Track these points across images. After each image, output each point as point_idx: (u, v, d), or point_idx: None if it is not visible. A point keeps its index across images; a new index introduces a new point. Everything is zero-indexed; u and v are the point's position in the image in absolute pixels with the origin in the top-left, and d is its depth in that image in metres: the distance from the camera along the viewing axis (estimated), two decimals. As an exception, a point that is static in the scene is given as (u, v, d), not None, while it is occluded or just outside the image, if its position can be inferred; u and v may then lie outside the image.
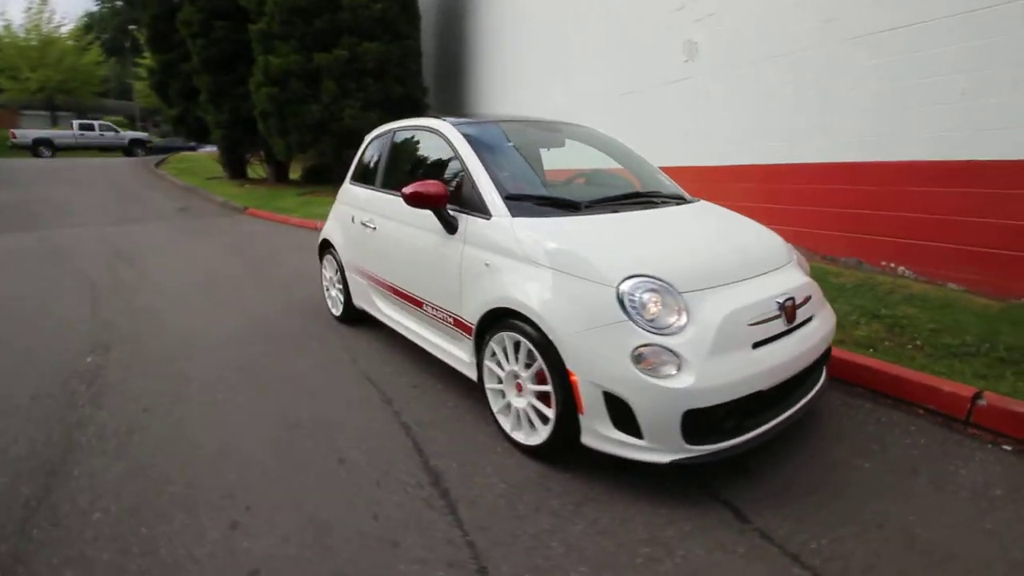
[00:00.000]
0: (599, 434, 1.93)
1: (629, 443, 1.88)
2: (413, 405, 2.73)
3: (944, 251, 3.95)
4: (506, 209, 2.31)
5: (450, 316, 2.60)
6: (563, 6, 8.56)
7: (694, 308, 1.91)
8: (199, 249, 7.37)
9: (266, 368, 3.23)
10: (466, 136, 2.65)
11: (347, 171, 4.04)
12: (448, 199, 2.48)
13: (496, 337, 2.28)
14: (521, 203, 2.35)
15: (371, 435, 2.46)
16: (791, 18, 4.81)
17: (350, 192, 3.73)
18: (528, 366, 2.16)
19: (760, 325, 1.97)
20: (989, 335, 3.10)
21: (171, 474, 2.20)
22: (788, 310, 2.08)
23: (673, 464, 1.85)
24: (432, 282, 2.70)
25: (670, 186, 2.98)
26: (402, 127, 3.33)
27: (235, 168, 17.15)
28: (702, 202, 2.81)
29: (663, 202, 2.63)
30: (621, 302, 1.89)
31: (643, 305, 1.88)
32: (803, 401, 2.17)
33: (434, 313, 2.74)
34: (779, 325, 2.04)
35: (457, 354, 2.66)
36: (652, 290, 1.91)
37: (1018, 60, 3.39)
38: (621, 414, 1.87)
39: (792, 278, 2.25)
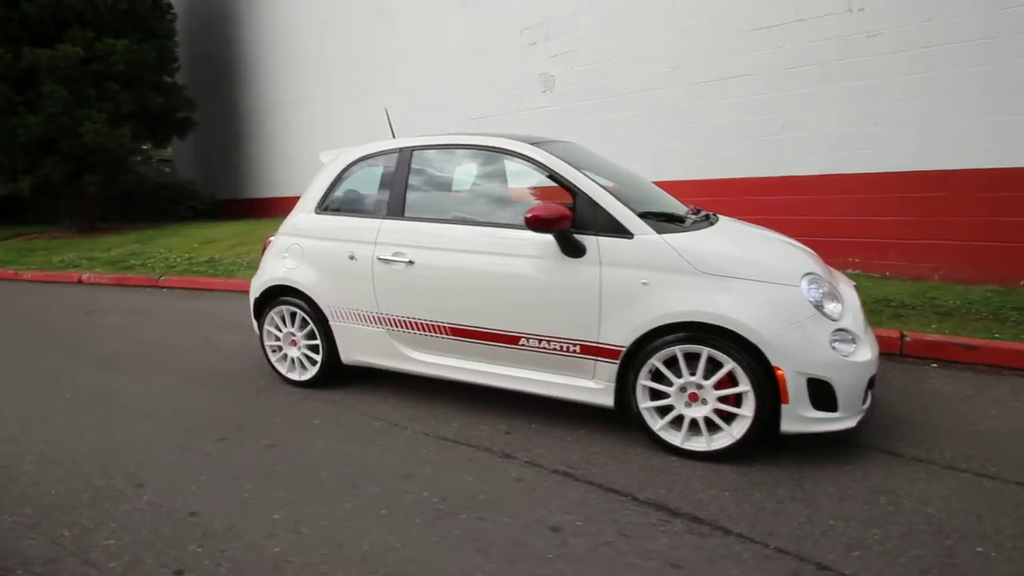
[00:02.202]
0: (801, 417, 2.16)
1: (825, 418, 2.17)
2: (540, 451, 2.46)
3: (779, 242, 5.40)
4: (648, 227, 2.34)
5: (575, 344, 2.45)
6: (394, 30, 8.36)
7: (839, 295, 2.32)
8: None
9: (301, 465, 2.44)
10: (562, 158, 2.54)
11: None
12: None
13: (661, 353, 2.28)
14: (649, 220, 2.41)
15: (544, 495, 2.14)
16: (644, 61, 5.84)
17: (333, 225, 3.04)
18: (708, 375, 2.24)
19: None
20: (846, 296, 4.42)
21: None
22: (852, 290, 2.69)
23: (858, 426, 2.22)
24: (542, 312, 2.49)
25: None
26: (425, 146, 2.90)
27: None
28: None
29: (715, 215, 2.99)
30: (808, 297, 2.18)
31: (821, 297, 2.21)
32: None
33: (542, 346, 2.52)
34: (856, 303, 2.63)
35: (577, 384, 2.51)
36: (820, 284, 2.25)
37: (816, 103, 4.92)
38: (821, 394, 2.14)
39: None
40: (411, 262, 2.77)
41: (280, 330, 3.27)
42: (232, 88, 11.67)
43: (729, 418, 2.26)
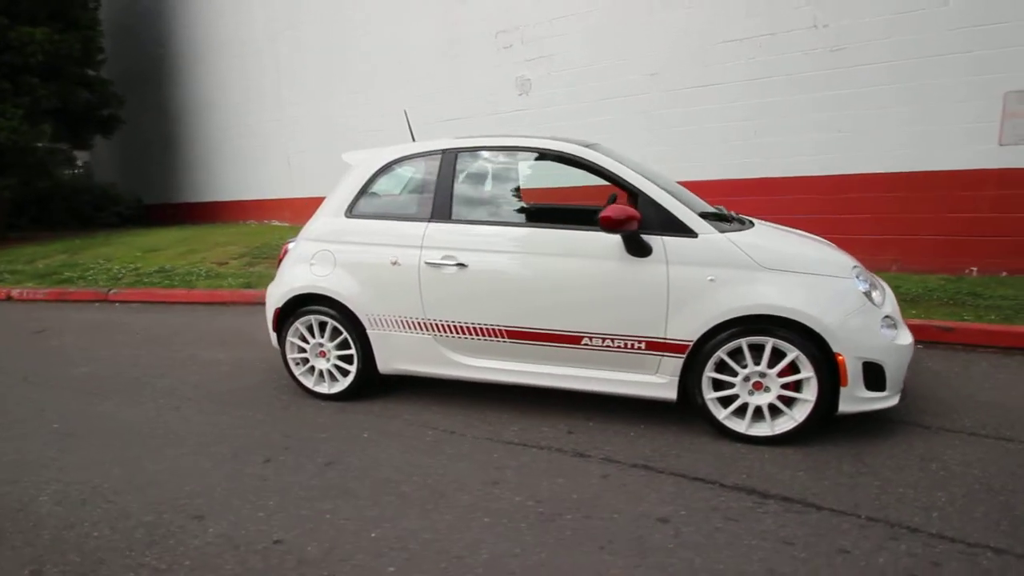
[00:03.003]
0: (856, 398, 2.36)
1: (875, 397, 2.38)
2: (610, 448, 2.51)
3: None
4: (710, 227, 2.46)
5: (640, 341, 2.52)
6: (359, 28, 8.08)
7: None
8: None
9: (376, 480, 2.36)
10: (619, 160, 2.61)
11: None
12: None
13: (727, 346, 2.41)
14: (708, 220, 2.53)
15: (637, 489, 2.20)
16: (622, 68, 6.05)
17: (370, 229, 2.92)
18: (772, 364, 2.39)
19: (883, 292, 2.79)
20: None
21: None
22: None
23: (899, 402, 2.45)
24: (607, 311, 2.54)
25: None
26: (472, 147, 2.87)
27: None
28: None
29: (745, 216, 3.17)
30: (860, 288, 2.38)
31: (868, 288, 2.42)
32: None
33: (605, 344, 2.57)
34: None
35: (640, 380, 2.59)
36: (865, 275, 2.47)
37: (786, 112, 5.33)
38: (873, 376, 2.35)
39: None
40: (463, 265, 2.72)
41: (307, 341, 3.09)
42: (165, 85, 10.78)
43: (789, 403, 2.43)
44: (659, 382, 2.57)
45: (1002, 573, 1.69)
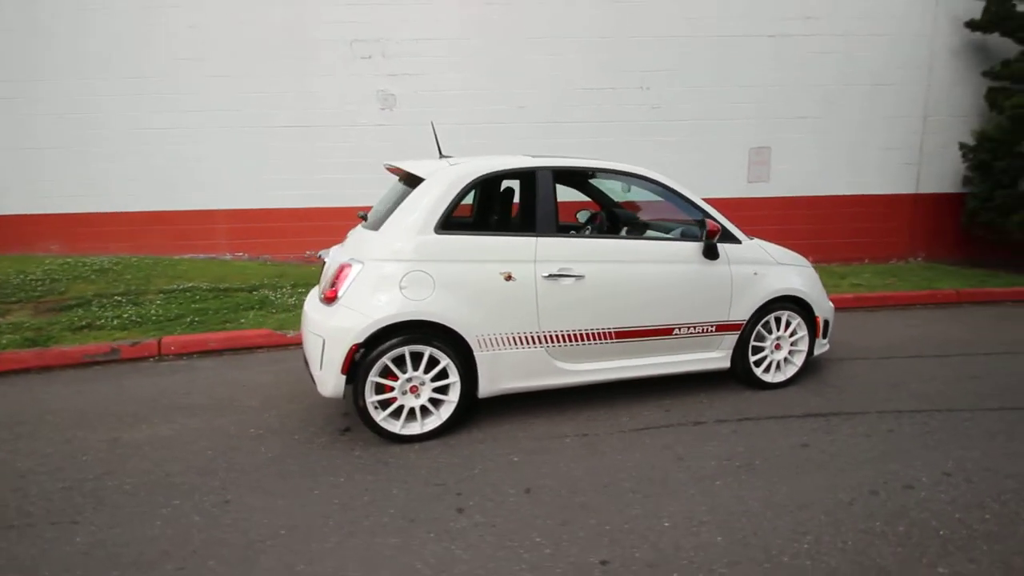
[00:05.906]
0: (820, 346, 3.58)
1: (824, 344, 3.66)
2: (709, 413, 3.12)
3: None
4: (745, 236, 3.33)
5: (712, 325, 3.21)
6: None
7: (806, 269, 3.88)
8: None
9: (597, 488, 2.44)
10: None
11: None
12: (714, 234, 3.13)
13: (764, 320, 3.32)
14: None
15: (762, 434, 2.88)
16: (491, 99, 6.59)
17: (473, 245, 2.80)
18: (786, 329, 3.41)
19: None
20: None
21: None
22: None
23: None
24: (693, 303, 3.15)
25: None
26: (562, 167, 3.08)
27: None
28: None
29: None
30: (813, 272, 3.62)
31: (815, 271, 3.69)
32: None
33: (689, 331, 3.17)
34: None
35: (707, 356, 3.30)
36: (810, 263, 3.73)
37: (627, 149, 6.79)
38: (825, 330, 3.61)
39: None
40: (580, 276, 2.90)
41: (394, 379, 2.68)
42: None
43: (792, 355, 3.50)
44: (718, 356, 3.32)
45: (962, 423, 2.97)
